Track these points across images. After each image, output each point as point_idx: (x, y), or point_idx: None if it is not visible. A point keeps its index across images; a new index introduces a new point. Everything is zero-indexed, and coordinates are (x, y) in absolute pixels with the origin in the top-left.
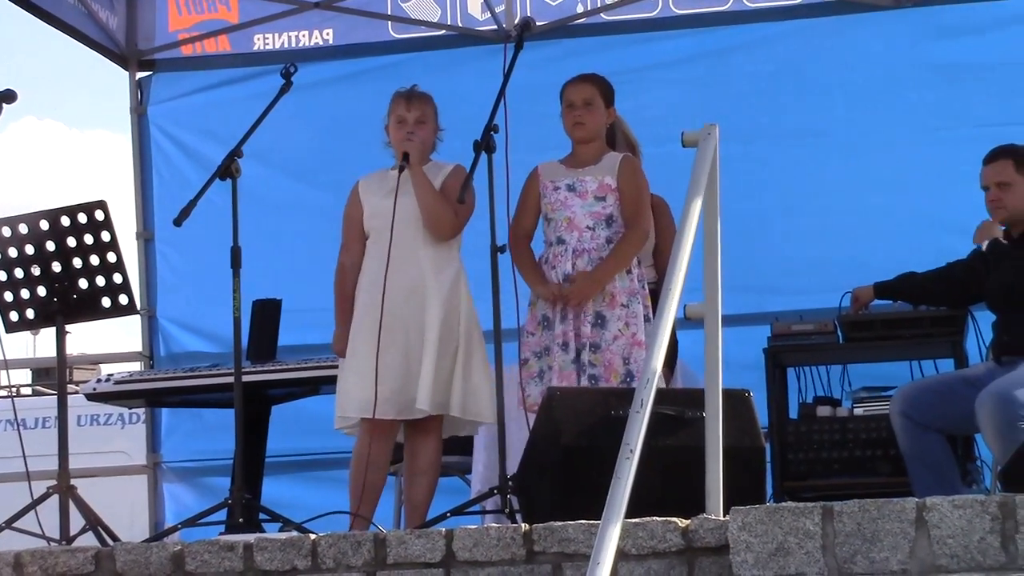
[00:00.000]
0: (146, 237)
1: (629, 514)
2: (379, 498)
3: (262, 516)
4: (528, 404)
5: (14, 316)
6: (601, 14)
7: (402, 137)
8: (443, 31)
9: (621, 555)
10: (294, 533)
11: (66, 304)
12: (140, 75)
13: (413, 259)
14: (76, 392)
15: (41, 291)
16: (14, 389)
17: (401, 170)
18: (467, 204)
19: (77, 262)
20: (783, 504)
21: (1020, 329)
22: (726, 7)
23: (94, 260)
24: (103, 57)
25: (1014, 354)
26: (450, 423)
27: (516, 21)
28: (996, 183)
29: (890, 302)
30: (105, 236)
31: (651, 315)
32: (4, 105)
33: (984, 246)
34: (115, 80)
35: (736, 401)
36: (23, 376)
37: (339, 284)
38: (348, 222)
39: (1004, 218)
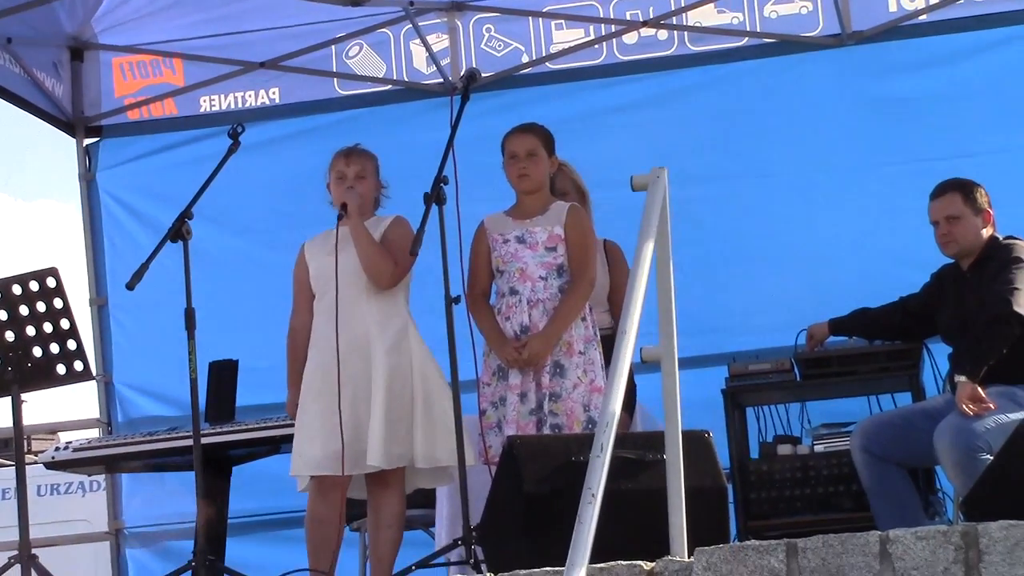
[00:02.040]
0: (99, 303)
1: (594, 559)
2: (337, 553)
3: None
4: (490, 456)
5: None
6: (546, 63)
7: (341, 191)
8: (389, 86)
9: None
10: None
11: (21, 373)
12: (88, 141)
13: (358, 313)
14: (35, 462)
15: None
16: None
17: (340, 219)
18: (416, 255)
19: (31, 330)
20: (747, 543)
21: None
22: (670, 52)
23: (48, 327)
24: (48, 127)
25: None
26: (417, 475)
27: (461, 73)
28: (945, 217)
29: (845, 338)
30: (58, 303)
31: (604, 361)
32: None
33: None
34: (61, 149)
35: (696, 442)
36: None
37: (290, 347)
38: (297, 285)
39: (955, 251)
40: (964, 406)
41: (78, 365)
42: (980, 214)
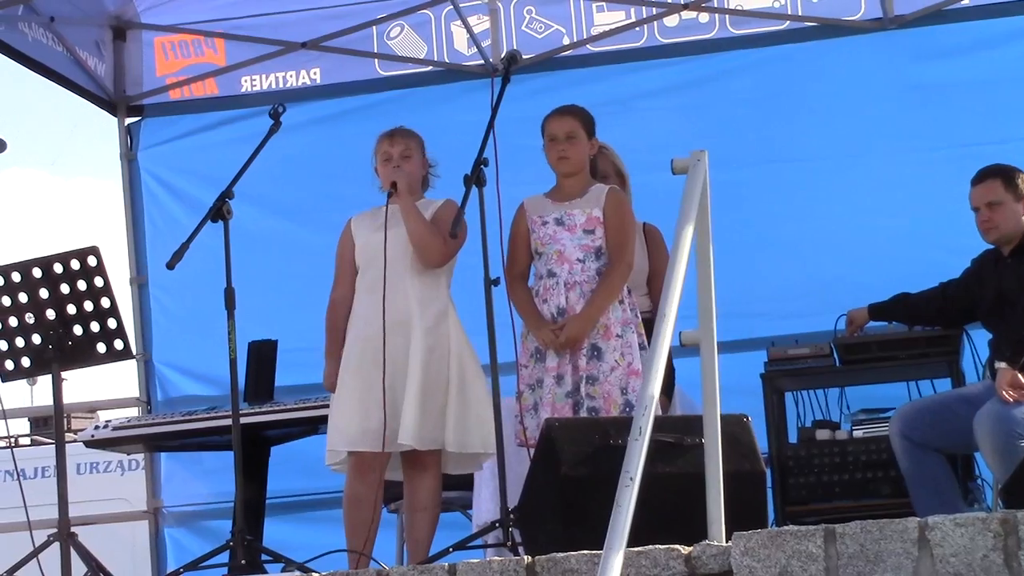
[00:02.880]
0: (140, 282)
1: (631, 543)
2: (375, 533)
3: (264, 557)
4: (525, 438)
5: (9, 365)
6: (587, 45)
7: (389, 171)
8: (430, 67)
9: None
10: (296, 573)
11: (61, 351)
12: (129, 121)
13: (401, 291)
14: (75, 440)
15: (36, 339)
16: (12, 439)
17: (389, 197)
18: (458, 237)
19: (71, 309)
20: (785, 528)
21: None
22: (711, 35)
23: (88, 306)
24: (87, 105)
25: None
26: (446, 459)
27: (502, 55)
28: (986, 203)
29: (885, 323)
30: (98, 282)
31: (646, 344)
32: None
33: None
34: (100, 127)
35: (735, 426)
36: (21, 426)
37: (330, 319)
38: (340, 258)
39: (996, 238)
40: (1004, 392)
41: (118, 344)
42: (1021, 200)
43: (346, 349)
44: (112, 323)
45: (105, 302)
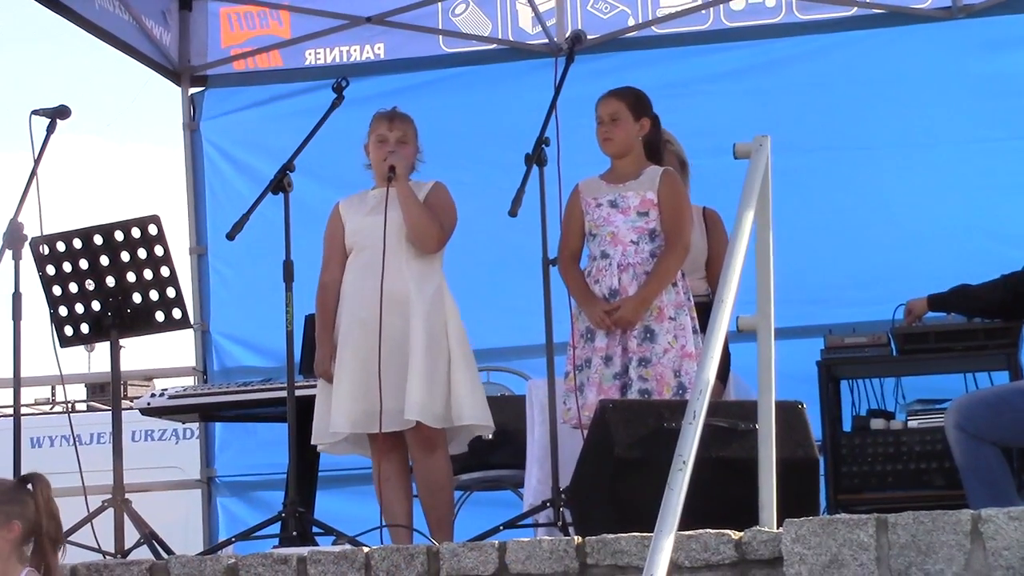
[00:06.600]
0: (199, 252)
1: (682, 526)
2: (411, 507)
3: (315, 529)
4: (567, 417)
5: (69, 331)
6: (652, 27)
7: (384, 154)
8: (494, 45)
9: (674, 567)
10: (347, 546)
11: (120, 318)
12: (193, 91)
13: (397, 272)
14: (131, 408)
15: (95, 305)
16: (69, 405)
17: (389, 182)
18: (451, 220)
19: (131, 276)
20: (837, 516)
21: None
22: (778, 19)
23: (147, 274)
24: (155, 72)
25: None
26: (463, 433)
27: (567, 35)
28: None
29: (944, 314)
30: (158, 250)
31: (698, 327)
32: (58, 121)
33: None
34: (161, 96)
35: (789, 413)
36: (78, 392)
37: (321, 303)
38: (330, 242)
39: None
40: None
41: (176, 313)
42: None
43: (342, 330)
44: (171, 292)
45: (165, 271)
